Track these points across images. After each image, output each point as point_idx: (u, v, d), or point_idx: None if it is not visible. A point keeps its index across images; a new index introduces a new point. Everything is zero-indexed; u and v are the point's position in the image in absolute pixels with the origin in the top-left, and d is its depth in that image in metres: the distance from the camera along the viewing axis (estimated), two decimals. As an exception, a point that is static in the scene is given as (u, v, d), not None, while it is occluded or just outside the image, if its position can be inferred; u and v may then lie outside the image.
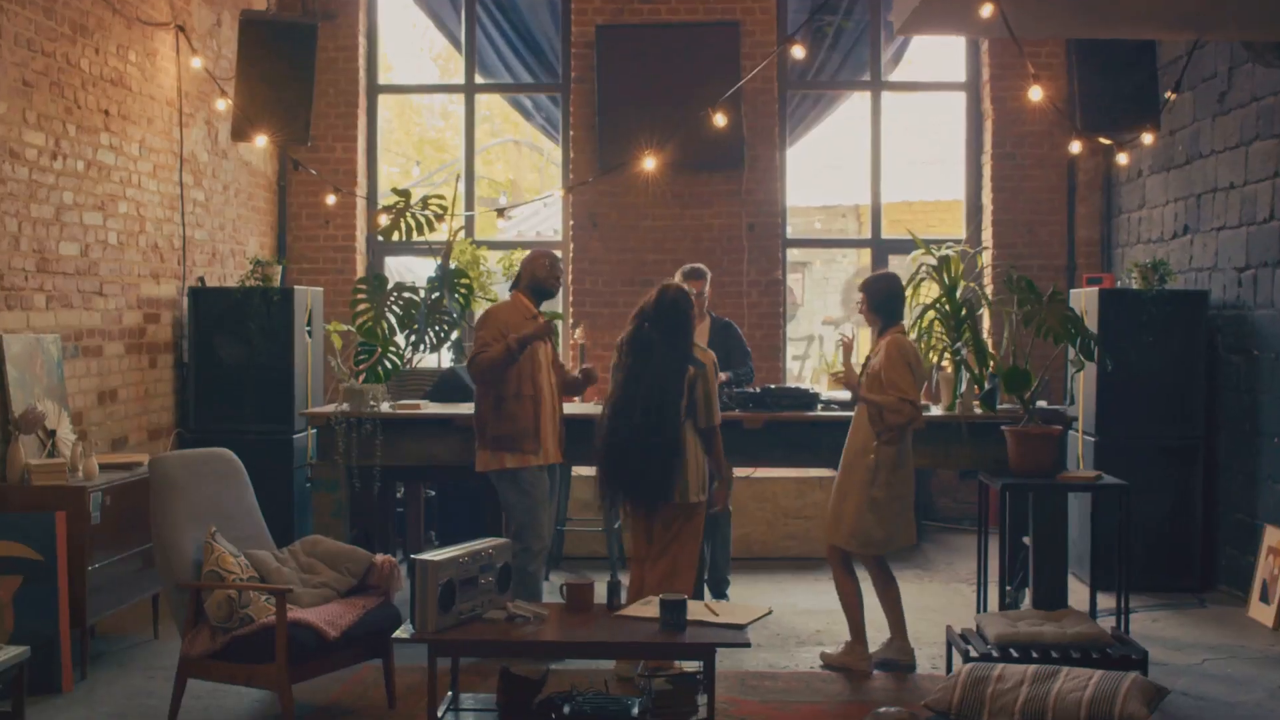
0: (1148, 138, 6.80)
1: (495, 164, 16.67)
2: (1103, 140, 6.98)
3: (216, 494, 5.17)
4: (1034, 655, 4.50)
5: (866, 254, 10.77)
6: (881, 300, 5.71)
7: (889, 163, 9.98)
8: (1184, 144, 7.96)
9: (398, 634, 4.28)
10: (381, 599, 5.02)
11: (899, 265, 10.46)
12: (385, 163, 15.70)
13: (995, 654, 4.49)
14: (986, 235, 9.59)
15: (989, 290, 9.11)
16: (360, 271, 9.60)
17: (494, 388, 5.86)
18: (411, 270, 10.38)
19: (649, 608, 4.45)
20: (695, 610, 4.37)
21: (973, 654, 4.53)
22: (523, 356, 5.83)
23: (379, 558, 5.11)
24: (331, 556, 5.17)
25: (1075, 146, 7.22)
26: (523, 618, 4.32)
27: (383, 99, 10.16)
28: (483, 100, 17.44)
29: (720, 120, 6.70)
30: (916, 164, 13.48)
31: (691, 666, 4.67)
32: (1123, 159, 7.35)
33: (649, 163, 6.74)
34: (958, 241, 8.54)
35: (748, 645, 4.17)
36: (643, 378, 5.34)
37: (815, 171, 13.67)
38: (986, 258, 9.35)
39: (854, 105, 11.25)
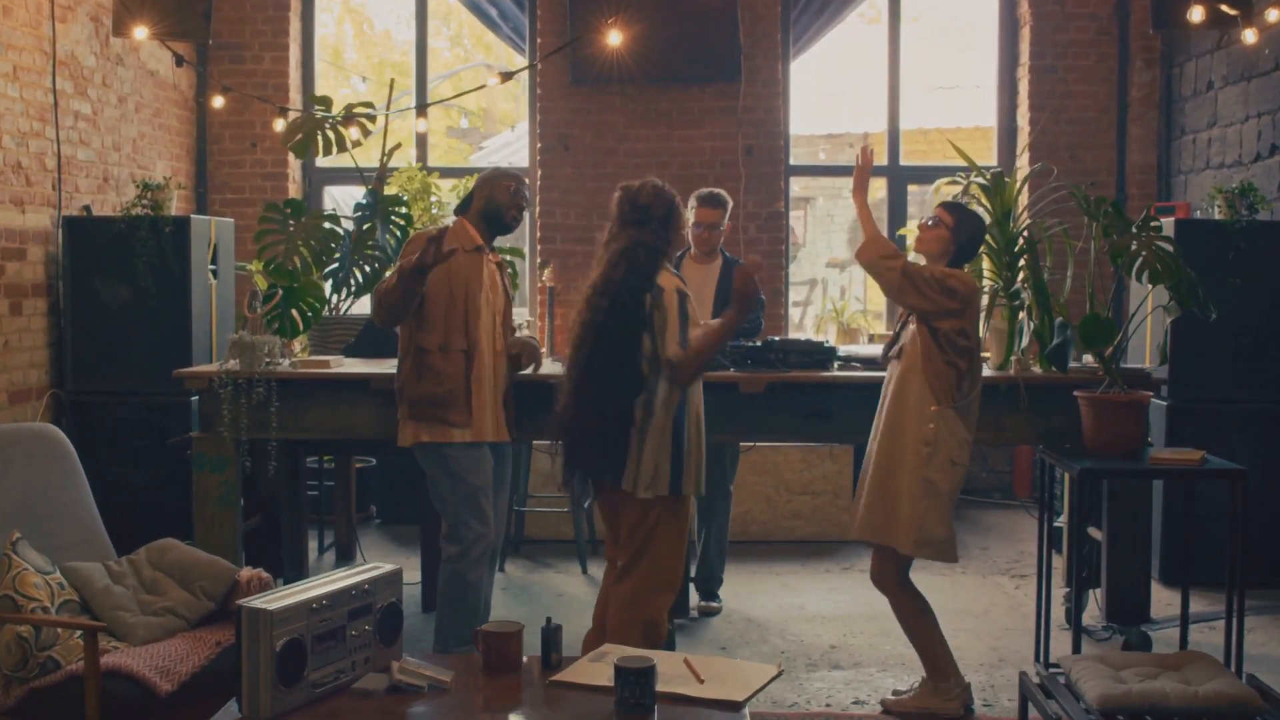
0: (1273, 13, 5.36)
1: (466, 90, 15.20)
2: (1226, 9, 5.47)
3: (27, 486, 3.81)
4: (1150, 722, 3.20)
5: (880, 185, 9.41)
6: (966, 238, 4.33)
7: (904, 87, 8.56)
8: (1271, 47, 6.56)
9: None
10: (247, 630, 3.66)
11: (919, 196, 9.11)
12: (337, 85, 14.25)
13: (1100, 725, 3.19)
14: (1022, 162, 8.22)
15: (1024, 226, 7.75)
16: (294, 203, 8.21)
17: (414, 338, 4.52)
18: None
19: (601, 668, 3.04)
20: (670, 675, 2.97)
21: (1065, 723, 3.22)
22: (460, 301, 4.47)
23: (244, 573, 3.75)
24: (183, 570, 3.81)
25: (1196, 13, 5.58)
26: (413, 687, 2.93)
27: (332, 7, 8.70)
28: (454, 21, 15.99)
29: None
30: (935, 89, 12.02)
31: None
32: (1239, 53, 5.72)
33: (615, 37, 5.25)
34: (990, 169, 7.19)
35: (748, 741, 2.79)
36: (589, 323, 3.99)
37: (818, 96, 12.21)
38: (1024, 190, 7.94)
39: (861, 28, 9.86)
